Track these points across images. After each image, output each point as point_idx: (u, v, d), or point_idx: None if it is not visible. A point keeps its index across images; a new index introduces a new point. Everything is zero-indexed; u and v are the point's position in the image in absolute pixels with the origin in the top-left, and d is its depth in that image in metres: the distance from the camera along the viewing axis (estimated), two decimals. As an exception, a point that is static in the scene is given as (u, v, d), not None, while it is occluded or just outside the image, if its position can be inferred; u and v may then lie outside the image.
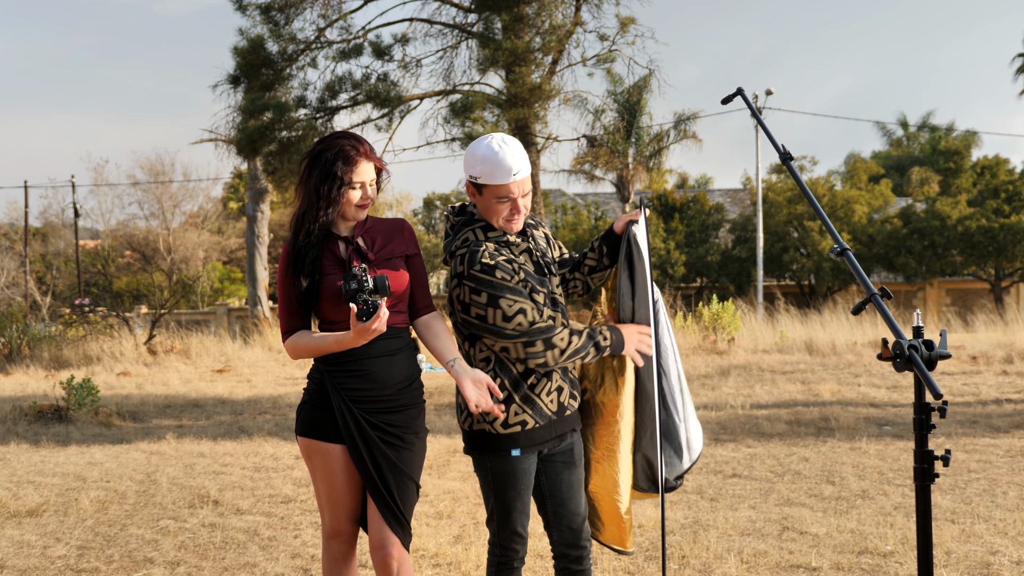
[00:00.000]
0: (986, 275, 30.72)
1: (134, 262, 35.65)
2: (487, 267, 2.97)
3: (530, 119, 18.93)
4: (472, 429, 3.10)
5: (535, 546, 4.89)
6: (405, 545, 3.05)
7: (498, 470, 3.06)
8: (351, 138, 3.02)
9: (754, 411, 9.15)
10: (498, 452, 3.05)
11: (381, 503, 3.02)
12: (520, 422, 3.04)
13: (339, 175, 2.95)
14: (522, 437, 3.04)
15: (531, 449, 3.07)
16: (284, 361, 15.67)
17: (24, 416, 9.70)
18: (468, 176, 3.09)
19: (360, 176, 2.99)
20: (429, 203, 41.20)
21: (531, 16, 18.44)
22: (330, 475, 3.06)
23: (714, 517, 5.39)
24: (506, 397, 3.02)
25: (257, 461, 7.41)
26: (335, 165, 2.96)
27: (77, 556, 4.95)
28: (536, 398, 3.05)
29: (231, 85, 19.20)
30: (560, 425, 3.12)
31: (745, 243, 30.38)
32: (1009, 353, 12.35)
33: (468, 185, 3.11)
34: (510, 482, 3.06)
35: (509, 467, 3.06)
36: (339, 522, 3.11)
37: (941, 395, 2.36)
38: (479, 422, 3.06)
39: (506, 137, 3.07)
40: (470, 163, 3.08)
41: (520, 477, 3.07)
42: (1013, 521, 5.12)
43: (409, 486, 3.05)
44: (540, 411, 3.06)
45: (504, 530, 3.11)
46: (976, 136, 42.44)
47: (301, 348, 3.04)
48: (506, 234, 3.09)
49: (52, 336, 17.53)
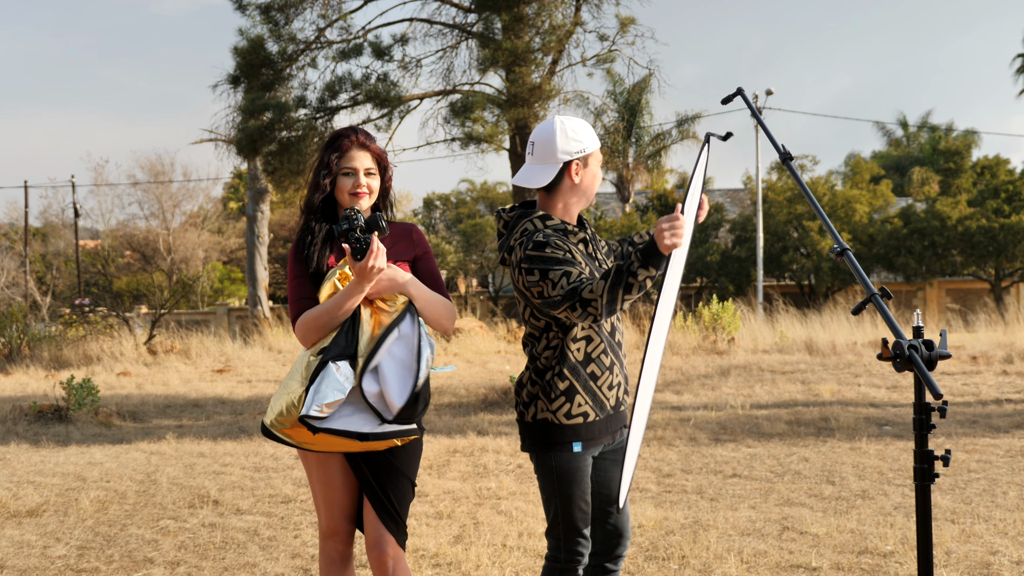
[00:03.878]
0: (986, 275, 30.72)
1: (134, 262, 35.65)
2: (538, 244, 2.94)
3: (530, 119, 18.93)
4: (535, 420, 3.05)
5: (535, 546, 4.90)
6: (401, 544, 3.05)
7: (563, 468, 3.03)
8: (349, 129, 3.15)
9: (754, 411, 9.15)
10: (560, 446, 3.02)
11: (376, 502, 3.02)
12: (582, 413, 3.02)
13: (326, 162, 3.08)
14: (583, 429, 3.02)
15: (591, 444, 3.06)
16: (284, 361, 15.67)
17: (24, 416, 9.70)
18: (574, 155, 3.05)
19: (351, 163, 3.08)
20: (429, 203, 41.23)
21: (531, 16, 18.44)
22: (325, 474, 3.07)
23: (714, 517, 5.39)
24: (568, 387, 3.01)
25: (257, 461, 7.41)
26: (325, 152, 3.10)
27: (77, 556, 4.95)
28: (597, 390, 3.04)
29: (231, 85, 19.20)
30: (616, 420, 3.12)
31: (745, 243, 30.38)
32: (1009, 353, 12.35)
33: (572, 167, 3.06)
34: (575, 479, 3.03)
35: (573, 464, 3.03)
36: (335, 521, 3.11)
37: (941, 395, 2.36)
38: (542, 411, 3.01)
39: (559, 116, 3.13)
40: (571, 140, 3.06)
41: (584, 474, 3.05)
42: (1013, 521, 5.12)
43: (404, 485, 3.05)
44: (601, 404, 3.05)
45: (571, 533, 3.06)
46: (976, 136, 42.47)
47: (311, 320, 2.97)
48: (565, 223, 3.07)
49: (52, 336, 17.54)
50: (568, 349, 3.03)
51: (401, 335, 2.99)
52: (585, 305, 2.83)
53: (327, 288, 2.98)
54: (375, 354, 2.93)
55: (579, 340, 3.04)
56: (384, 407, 2.94)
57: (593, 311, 2.82)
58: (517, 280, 3.00)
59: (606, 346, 3.08)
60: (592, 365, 3.05)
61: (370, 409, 2.94)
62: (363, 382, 2.92)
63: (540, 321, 3.04)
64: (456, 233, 35.97)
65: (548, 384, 3.02)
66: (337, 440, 2.93)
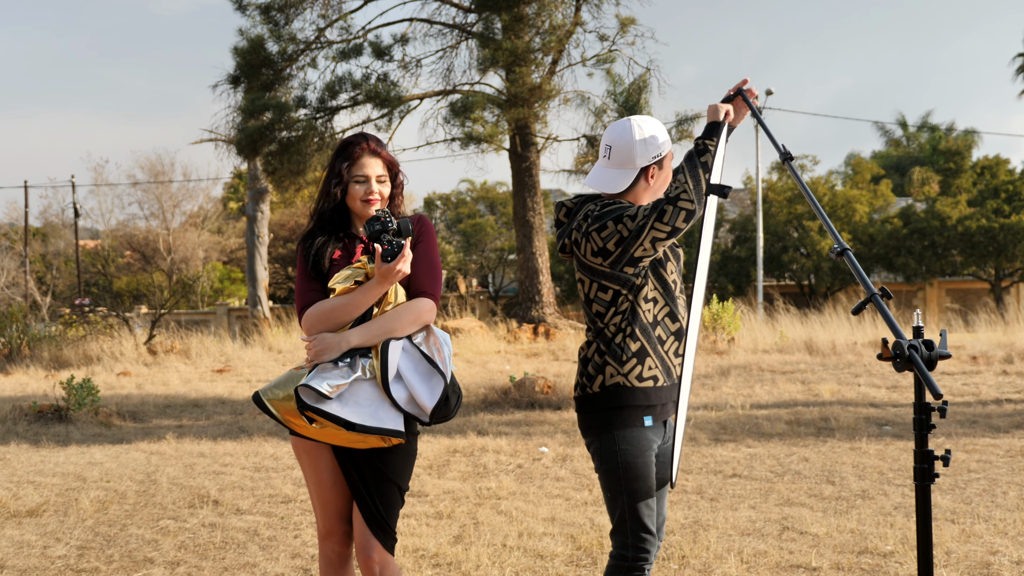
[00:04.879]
0: (986, 275, 30.72)
1: (134, 262, 35.64)
2: (603, 204, 3.02)
3: (530, 119, 18.94)
4: (604, 388, 3.01)
5: (535, 546, 4.90)
6: (388, 548, 3.04)
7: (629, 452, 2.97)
8: (360, 136, 3.16)
9: (754, 411, 9.15)
10: (631, 418, 2.98)
11: (363, 507, 3.02)
12: (652, 376, 3.01)
13: (338, 170, 3.10)
14: (653, 393, 3.01)
15: (659, 417, 3.04)
16: (284, 361, 15.67)
17: (24, 416, 9.70)
18: (652, 159, 3.08)
19: (362, 170, 3.09)
20: (429, 203, 41.20)
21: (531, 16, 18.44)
22: (318, 474, 3.07)
23: (714, 517, 5.39)
24: (639, 348, 3.01)
25: (257, 461, 7.41)
26: (336, 161, 3.12)
27: (77, 556, 4.95)
28: (665, 355, 3.06)
29: (231, 85, 19.21)
30: (673, 392, 3.10)
31: (745, 243, 30.38)
32: (1009, 353, 12.35)
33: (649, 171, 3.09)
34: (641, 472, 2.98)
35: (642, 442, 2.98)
36: (330, 522, 3.11)
37: (941, 395, 2.36)
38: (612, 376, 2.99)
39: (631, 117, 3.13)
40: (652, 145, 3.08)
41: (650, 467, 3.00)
42: (1013, 521, 5.12)
43: (392, 491, 3.03)
44: (668, 370, 3.07)
45: (639, 530, 3.00)
46: (976, 136, 42.44)
47: (323, 312, 2.98)
48: None
49: (52, 336, 17.54)
50: (639, 308, 3.02)
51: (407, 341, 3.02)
52: (675, 201, 2.89)
53: (342, 285, 2.99)
54: (387, 361, 2.94)
55: (648, 300, 3.05)
56: (417, 410, 2.97)
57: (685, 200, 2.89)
58: (587, 248, 3.01)
59: (671, 308, 3.09)
60: (659, 329, 3.05)
61: (396, 411, 2.95)
62: (392, 390, 2.94)
63: (607, 293, 3.03)
64: (456, 233, 35.96)
65: (620, 347, 3.01)
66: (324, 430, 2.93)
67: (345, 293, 2.99)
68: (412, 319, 3.01)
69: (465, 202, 38.30)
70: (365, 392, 2.95)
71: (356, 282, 2.99)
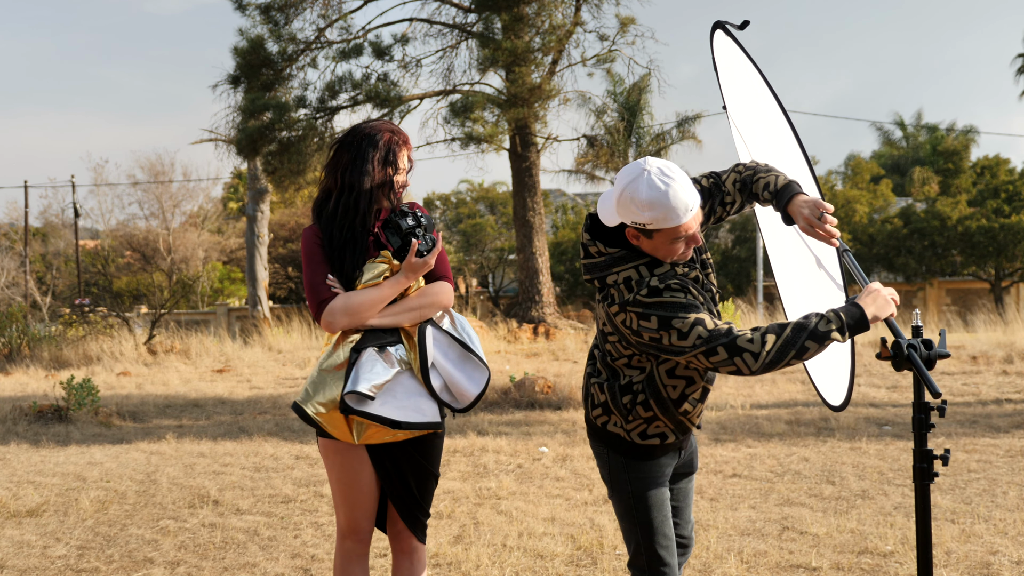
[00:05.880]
0: (986, 275, 30.71)
1: (134, 262, 35.63)
2: (654, 290, 2.58)
3: (530, 119, 18.94)
4: (604, 428, 2.80)
5: (535, 546, 4.90)
6: (422, 537, 3.14)
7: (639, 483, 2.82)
8: (394, 126, 3.15)
9: (754, 411, 9.15)
10: (641, 458, 2.81)
11: (402, 494, 3.06)
12: (659, 435, 2.78)
13: (393, 158, 3.05)
14: (658, 450, 2.82)
15: (669, 455, 2.86)
16: (284, 361, 15.67)
17: (24, 416, 9.70)
18: (631, 223, 2.60)
19: (404, 161, 3.11)
20: (429, 203, 41.21)
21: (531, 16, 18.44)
22: (349, 474, 3.04)
23: (714, 517, 5.39)
24: (651, 416, 2.74)
25: (257, 461, 7.42)
26: (390, 150, 3.05)
27: (77, 556, 4.95)
28: (684, 419, 2.79)
29: (231, 85, 19.21)
30: (688, 436, 2.93)
31: (745, 243, 30.38)
32: (1009, 353, 12.35)
33: (629, 230, 2.63)
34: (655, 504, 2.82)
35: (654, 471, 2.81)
36: (356, 521, 3.10)
37: (940, 394, 2.36)
38: (614, 426, 2.78)
39: (664, 165, 2.57)
40: (631, 210, 2.57)
41: (664, 500, 2.84)
42: (1013, 521, 5.12)
43: (428, 478, 3.10)
44: (684, 429, 2.82)
45: (656, 563, 2.83)
46: (976, 136, 42.45)
47: (358, 305, 2.93)
48: (674, 266, 2.69)
49: (52, 336, 17.54)
50: (660, 382, 2.71)
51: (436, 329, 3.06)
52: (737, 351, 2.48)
53: (372, 278, 2.99)
54: (426, 350, 2.97)
55: (676, 378, 2.72)
56: (452, 398, 3.01)
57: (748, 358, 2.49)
58: (619, 317, 2.63)
59: (703, 386, 2.78)
60: (686, 404, 2.76)
61: (433, 400, 2.98)
62: (430, 379, 2.97)
63: (628, 348, 2.71)
64: (456, 233, 35.94)
65: (626, 407, 2.75)
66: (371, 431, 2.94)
67: (371, 287, 2.98)
68: (437, 301, 3.05)
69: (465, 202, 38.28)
70: (402, 385, 2.97)
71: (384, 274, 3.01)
